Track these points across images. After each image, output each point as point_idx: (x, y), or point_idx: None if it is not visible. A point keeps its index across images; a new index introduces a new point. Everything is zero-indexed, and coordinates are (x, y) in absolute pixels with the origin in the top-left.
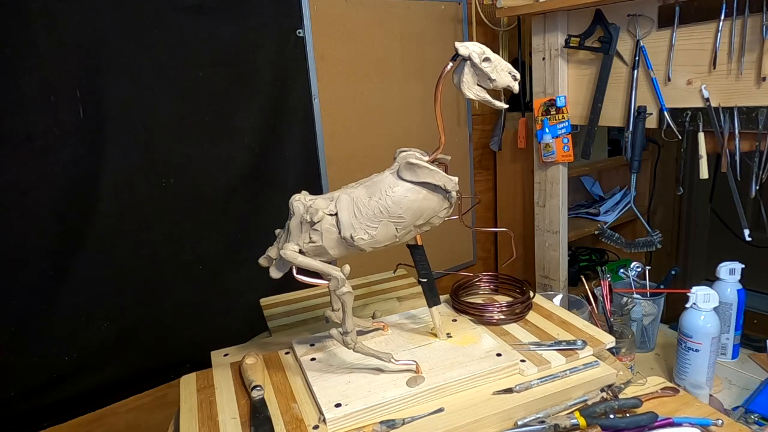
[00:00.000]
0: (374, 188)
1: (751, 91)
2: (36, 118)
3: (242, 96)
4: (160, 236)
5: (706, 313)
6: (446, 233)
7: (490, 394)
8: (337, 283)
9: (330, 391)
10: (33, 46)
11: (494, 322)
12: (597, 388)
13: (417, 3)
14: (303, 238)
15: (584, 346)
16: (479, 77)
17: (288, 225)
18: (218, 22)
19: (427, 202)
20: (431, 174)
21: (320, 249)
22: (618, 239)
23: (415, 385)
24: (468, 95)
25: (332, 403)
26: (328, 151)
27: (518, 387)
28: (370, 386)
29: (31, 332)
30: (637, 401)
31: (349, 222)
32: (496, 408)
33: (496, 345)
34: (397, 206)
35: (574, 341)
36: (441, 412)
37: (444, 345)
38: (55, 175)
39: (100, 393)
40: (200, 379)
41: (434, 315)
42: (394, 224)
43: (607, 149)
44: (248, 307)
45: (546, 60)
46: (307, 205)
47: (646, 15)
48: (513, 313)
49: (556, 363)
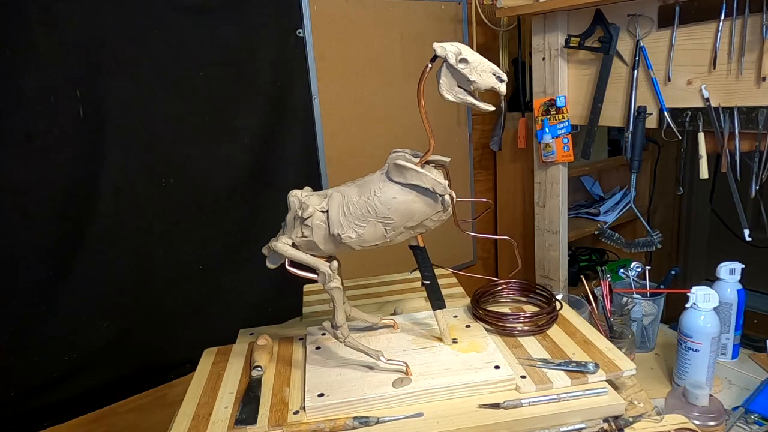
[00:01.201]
0: (364, 188)
1: (751, 91)
2: (36, 118)
3: (242, 96)
4: (160, 236)
5: (706, 313)
6: (446, 233)
7: (476, 406)
8: (325, 278)
9: (320, 381)
10: (33, 46)
11: (513, 333)
12: (599, 418)
13: (417, 3)
14: (296, 232)
15: (596, 370)
16: (458, 79)
17: (286, 219)
18: (218, 22)
19: (416, 204)
20: (418, 176)
21: (311, 244)
22: (618, 239)
23: (399, 386)
24: (447, 97)
25: (317, 392)
26: (328, 151)
27: (506, 403)
28: (357, 381)
29: (31, 332)
30: None
31: (337, 220)
32: (478, 422)
33: (499, 357)
34: (385, 207)
35: (586, 363)
36: (419, 416)
37: (445, 350)
38: (55, 175)
39: (100, 393)
40: (219, 354)
41: (438, 318)
42: (383, 225)
43: (607, 149)
44: (248, 307)
45: (546, 60)
46: (301, 201)
47: (646, 15)
48: (535, 325)
49: (560, 384)
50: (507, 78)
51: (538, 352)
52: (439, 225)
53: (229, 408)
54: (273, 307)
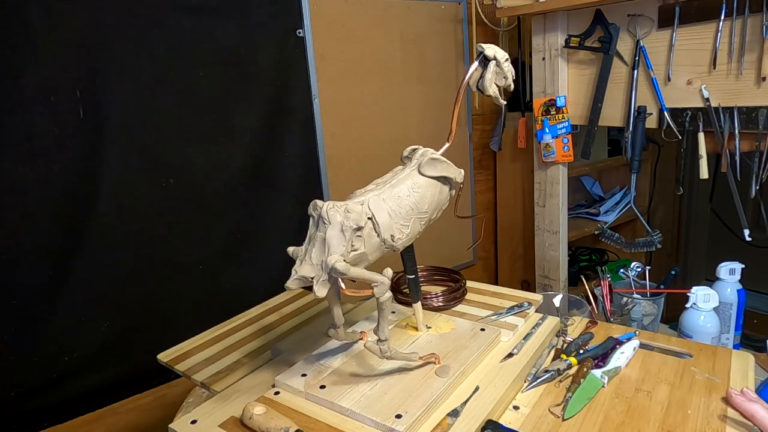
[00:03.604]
0: (401, 187)
1: (751, 91)
2: (36, 118)
3: (242, 96)
4: (160, 236)
5: (706, 313)
6: (447, 234)
7: (499, 362)
8: (384, 289)
9: (377, 408)
10: (33, 46)
11: (439, 307)
12: (554, 335)
13: (417, 3)
14: (346, 246)
15: (530, 307)
16: (497, 77)
17: (318, 236)
18: (218, 22)
19: (442, 195)
20: (448, 168)
21: (362, 256)
22: (618, 239)
23: (445, 374)
24: (489, 92)
25: (389, 417)
26: (328, 151)
27: (515, 350)
28: (406, 388)
29: (31, 332)
30: (591, 334)
31: (388, 223)
32: (513, 372)
33: (472, 324)
34: (423, 202)
35: (521, 304)
36: (478, 390)
37: (431, 336)
38: (55, 175)
39: (100, 393)
40: None
41: (417, 309)
42: (420, 220)
43: (607, 149)
44: (248, 307)
45: (546, 60)
46: (348, 211)
47: (646, 15)
48: (454, 297)
49: (521, 325)
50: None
51: (483, 313)
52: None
53: None
54: None
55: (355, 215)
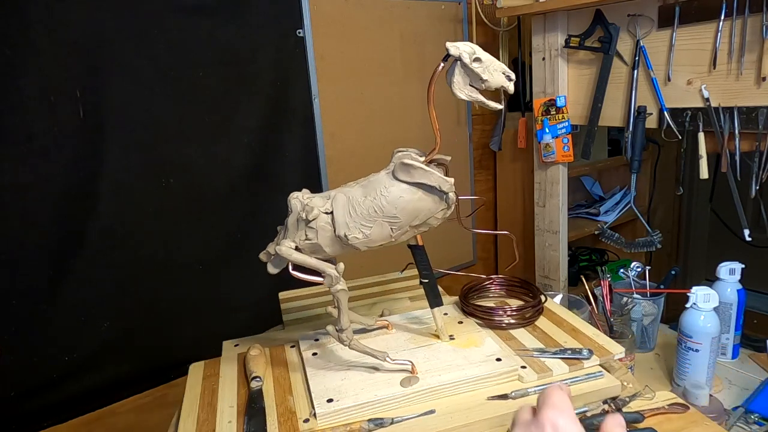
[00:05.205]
0: (369, 188)
1: (751, 91)
2: (36, 118)
3: (242, 96)
4: (160, 236)
5: (706, 313)
6: (447, 234)
7: (485, 399)
8: (331, 281)
9: (325, 386)
10: (33, 46)
11: (503, 326)
12: (599, 400)
13: (417, 3)
14: (299, 235)
15: (590, 356)
16: (471, 77)
17: (286, 222)
18: (218, 22)
19: (422, 203)
20: (426, 175)
21: (316, 246)
22: (618, 239)
23: (408, 386)
24: (459, 96)
25: (325, 398)
26: (328, 151)
27: (514, 393)
28: (364, 384)
29: (31, 332)
30: (638, 416)
31: (343, 221)
32: (489, 413)
33: (497, 349)
34: (392, 206)
35: (580, 350)
36: (432, 413)
37: (445, 347)
38: (55, 175)
39: (100, 393)
40: (208, 368)
41: (436, 316)
42: (389, 224)
43: (607, 149)
44: (248, 307)
45: (546, 60)
46: (304, 203)
47: (646, 15)
48: (523, 317)
49: (559, 371)
50: (515, 77)
51: (533, 343)
52: (440, 223)
53: (233, 422)
54: (273, 307)
55: (309, 208)
